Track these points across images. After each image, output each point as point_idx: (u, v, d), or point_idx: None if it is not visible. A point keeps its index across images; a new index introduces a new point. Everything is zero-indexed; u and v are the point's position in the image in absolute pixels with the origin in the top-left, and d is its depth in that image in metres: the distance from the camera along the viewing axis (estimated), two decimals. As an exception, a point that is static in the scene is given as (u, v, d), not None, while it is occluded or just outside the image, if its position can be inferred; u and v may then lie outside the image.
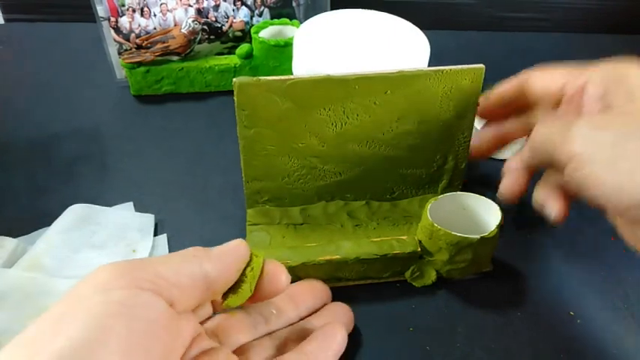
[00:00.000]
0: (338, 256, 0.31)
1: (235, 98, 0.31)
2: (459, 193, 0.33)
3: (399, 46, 0.40)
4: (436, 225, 0.30)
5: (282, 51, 0.47)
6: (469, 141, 0.35)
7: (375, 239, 0.32)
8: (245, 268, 0.24)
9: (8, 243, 0.33)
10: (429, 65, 0.39)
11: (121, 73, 0.49)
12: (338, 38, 0.40)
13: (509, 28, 0.64)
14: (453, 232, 0.30)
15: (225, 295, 0.24)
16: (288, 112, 0.32)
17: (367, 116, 0.33)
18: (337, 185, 0.36)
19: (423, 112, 0.33)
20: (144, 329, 0.19)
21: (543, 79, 0.33)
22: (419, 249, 0.32)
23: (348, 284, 0.33)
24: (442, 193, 0.36)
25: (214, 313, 0.27)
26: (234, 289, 0.23)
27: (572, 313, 0.33)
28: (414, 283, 0.33)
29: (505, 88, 0.34)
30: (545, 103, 0.33)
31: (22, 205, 0.38)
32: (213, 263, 0.22)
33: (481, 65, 0.32)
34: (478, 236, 0.30)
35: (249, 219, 0.35)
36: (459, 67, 0.32)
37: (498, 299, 0.33)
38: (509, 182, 0.32)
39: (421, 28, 0.43)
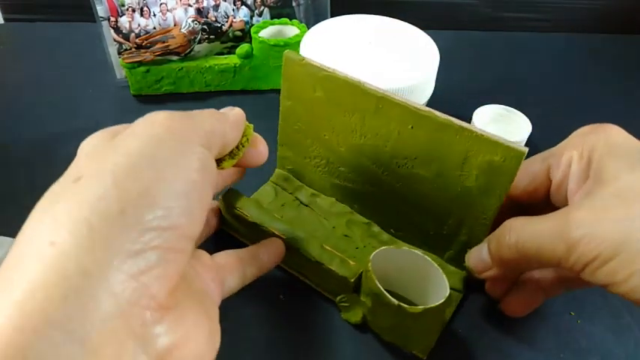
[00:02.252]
0: (283, 236, 0.31)
1: (282, 68, 0.33)
2: (416, 252, 0.28)
3: (407, 53, 0.40)
4: (370, 266, 0.27)
5: (282, 51, 0.47)
6: (489, 224, 0.30)
7: (328, 248, 0.31)
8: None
9: (8, 243, 0.33)
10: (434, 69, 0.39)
11: (120, 73, 0.49)
12: (345, 44, 0.40)
13: (509, 28, 0.64)
14: (375, 281, 0.26)
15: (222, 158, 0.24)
16: (319, 100, 0.33)
17: (385, 141, 0.31)
18: (348, 192, 0.36)
19: (442, 166, 0.30)
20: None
21: (525, 174, 0.29)
22: (352, 279, 0.29)
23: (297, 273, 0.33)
24: (447, 262, 0.34)
25: None
26: (231, 152, 0.24)
27: (572, 313, 0.33)
28: (340, 313, 0.32)
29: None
30: (538, 196, 0.29)
31: (22, 205, 0.38)
32: (230, 125, 0.23)
33: (523, 148, 0.26)
34: (396, 302, 0.25)
35: (273, 179, 0.39)
36: (492, 136, 0.27)
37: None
38: (494, 288, 0.32)
39: (421, 28, 0.43)
